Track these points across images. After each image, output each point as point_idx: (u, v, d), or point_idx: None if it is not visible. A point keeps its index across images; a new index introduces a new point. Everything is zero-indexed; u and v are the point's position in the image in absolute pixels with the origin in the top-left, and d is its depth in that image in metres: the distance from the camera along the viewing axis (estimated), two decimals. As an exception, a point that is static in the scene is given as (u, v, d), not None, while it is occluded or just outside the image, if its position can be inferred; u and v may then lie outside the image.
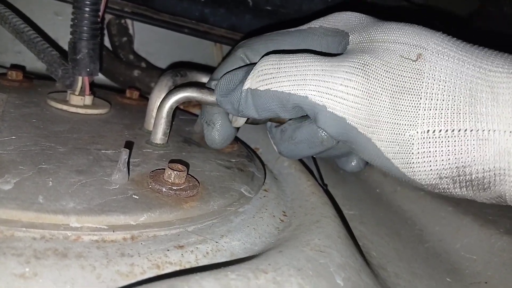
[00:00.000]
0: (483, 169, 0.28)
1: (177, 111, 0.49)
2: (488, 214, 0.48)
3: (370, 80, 0.30)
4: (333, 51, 0.36)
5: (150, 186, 0.32)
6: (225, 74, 0.38)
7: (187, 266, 0.27)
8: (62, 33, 0.60)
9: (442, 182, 0.30)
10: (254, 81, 0.34)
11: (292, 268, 0.27)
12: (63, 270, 0.24)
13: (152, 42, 0.69)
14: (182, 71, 0.46)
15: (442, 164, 0.29)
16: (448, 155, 0.29)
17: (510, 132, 0.27)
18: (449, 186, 0.30)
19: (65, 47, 0.46)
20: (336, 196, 0.49)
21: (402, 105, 0.30)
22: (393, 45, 0.31)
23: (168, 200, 0.31)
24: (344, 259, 0.32)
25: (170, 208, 0.30)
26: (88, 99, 0.46)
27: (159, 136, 0.40)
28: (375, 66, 0.31)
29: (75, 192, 0.29)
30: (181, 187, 0.32)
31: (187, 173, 0.33)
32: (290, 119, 0.40)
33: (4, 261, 0.23)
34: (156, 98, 0.43)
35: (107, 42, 0.65)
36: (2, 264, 0.23)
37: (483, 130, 0.28)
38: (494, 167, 0.28)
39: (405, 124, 0.29)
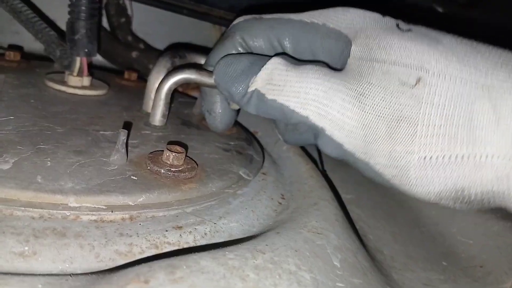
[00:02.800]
0: (481, 191, 0.28)
1: (175, 93, 0.49)
2: (484, 198, 0.49)
3: (366, 111, 0.30)
4: (335, 57, 0.35)
5: (149, 168, 0.32)
6: (225, 56, 0.37)
7: (186, 247, 0.27)
8: (60, 13, 0.59)
9: (442, 201, 0.30)
10: (264, 87, 0.33)
11: (290, 249, 0.27)
12: (62, 249, 0.24)
13: (151, 23, 0.68)
14: (180, 53, 0.45)
15: (440, 188, 0.29)
16: (446, 179, 0.28)
17: (510, 158, 0.27)
18: (449, 204, 0.30)
19: (63, 27, 0.46)
20: (333, 179, 0.49)
21: (398, 133, 0.29)
22: (393, 68, 0.30)
23: (167, 181, 0.31)
24: (341, 241, 0.32)
25: (168, 189, 0.30)
26: (86, 80, 0.46)
27: (157, 118, 0.40)
28: (372, 95, 0.30)
29: (73, 172, 0.29)
30: (180, 168, 0.32)
31: (186, 155, 0.33)
32: None
33: (3, 239, 0.23)
34: (154, 79, 0.43)
35: (105, 23, 0.64)
36: (1, 243, 0.23)
37: (481, 156, 0.27)
38: (492, 189, 0.28)
39: (401, 151, 0.29)
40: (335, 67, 0.35)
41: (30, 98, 0.39)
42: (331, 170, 0.52)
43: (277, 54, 0.36)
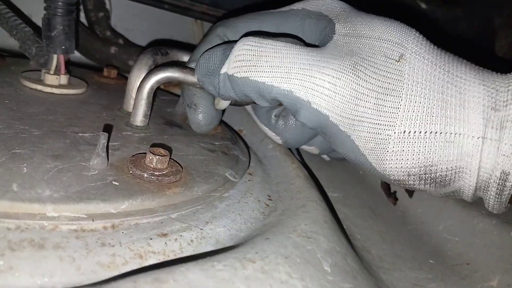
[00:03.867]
0: (446, 168, 0.30)
1: (157, 91, 0.48)
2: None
3: (359, 81, 0.31)
4: (316, 35, 0.36)
5: (131, 172, 0.30)
6: (203, 52, 0.36)
7: (171, 255, 0.26)
8: (35, 8, 0.56)
9: (409, 179, 0.32)
10: (231, 66, 0.33)
11: (280, 256, 0.27)
12: (40, 262, 0.23)
13: (130, 18, 0.66)
14: (163, 49, 0.44)
15: (412, 163, 0.31)
16: (419, 154, 0.30)
17: (472, 136, 0.30)
18: (415, 183, 0.32)
19: (39, 23, 0.44)
20: (320, 178, 0.49)
21: (385, 106, 0.31)
22: (378, 43, 0.32)
23: (150, 186, 0.30)
24: (331, 244, 0.31)
25: (152, 195, 0.29)
26: (63, 79, 0.44)
27: (139, 118, 0.38)
28: (364, 67, 0.31)
29: (51, 178, 0.27)
30: (164, 172, 0.31)
31: (170, 157, 0.32)
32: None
33: (-24, 254, 0.22)
34: (135, 77, 0.42)
35: (82, 18, 0.62)
36: (-26, 258, 0.22)
37: (451, 133, 0.30)
38: (455, 166, 0.30)
39: (385, 124, 0.31)
40: (313, 44, 0.36)
41: (4, 98, 0.37)
42: (317, 168, 0.51)
43: (249, 33, 0.36)
